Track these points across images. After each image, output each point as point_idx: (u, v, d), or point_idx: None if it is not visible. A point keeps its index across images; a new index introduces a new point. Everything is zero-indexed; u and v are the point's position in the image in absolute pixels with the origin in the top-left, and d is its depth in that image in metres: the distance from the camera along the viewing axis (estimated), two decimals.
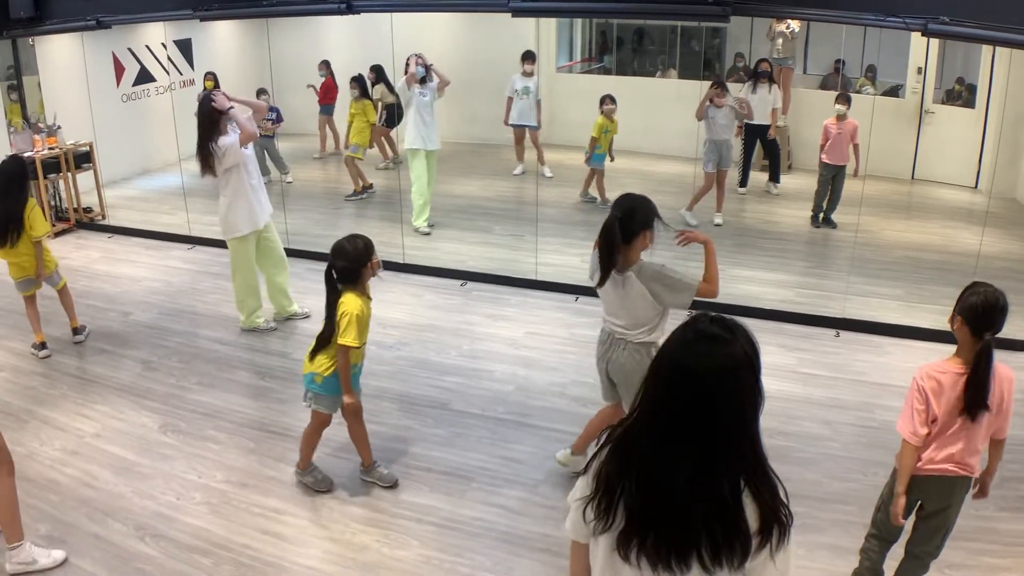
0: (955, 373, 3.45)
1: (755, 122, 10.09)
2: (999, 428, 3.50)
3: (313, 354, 4.62)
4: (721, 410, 1.88)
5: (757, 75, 10.19)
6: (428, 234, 9.21)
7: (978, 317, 3.34)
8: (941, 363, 3.52)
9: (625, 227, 4.10)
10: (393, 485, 4.89)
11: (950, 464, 3.54)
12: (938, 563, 4.13)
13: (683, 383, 1.91)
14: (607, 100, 9.70)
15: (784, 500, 1.96)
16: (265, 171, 11.05)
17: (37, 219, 6.36)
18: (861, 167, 8.86)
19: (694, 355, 1.91)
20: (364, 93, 10.78)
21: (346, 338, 4.42)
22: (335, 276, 4.52)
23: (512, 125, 10.86)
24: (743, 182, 10.57)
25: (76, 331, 6.86)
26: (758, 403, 1.94)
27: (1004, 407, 3.44)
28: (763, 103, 10.13)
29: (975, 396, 3.38)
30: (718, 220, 9.37)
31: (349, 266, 4.48)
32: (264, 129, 10.88)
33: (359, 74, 10.89)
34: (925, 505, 3.71)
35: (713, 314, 1.99)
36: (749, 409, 1.92)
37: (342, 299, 4.48)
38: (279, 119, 11.03)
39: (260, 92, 10.84)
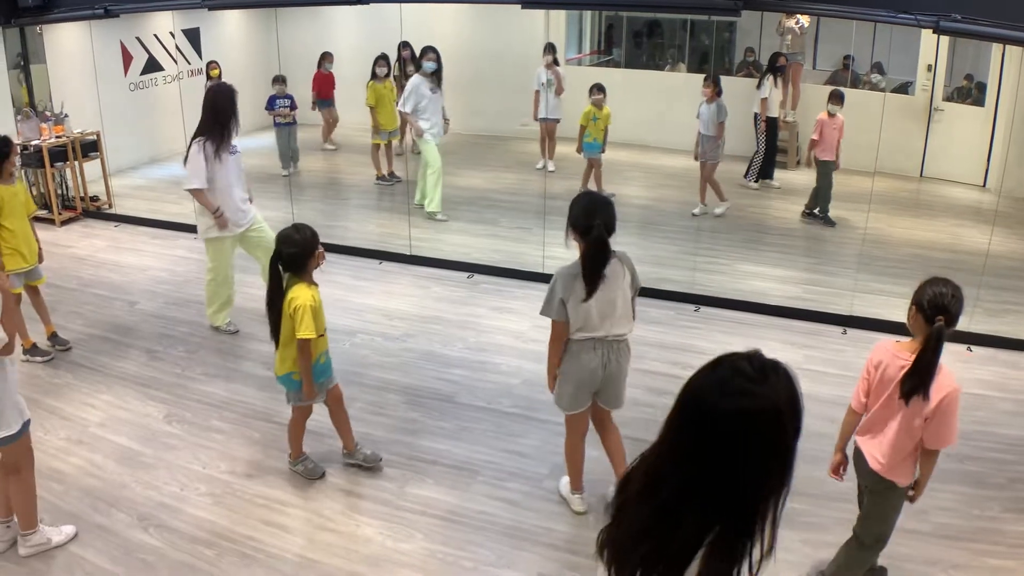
0: (899, 357, 3.51)
1: (775, 115, 10.27)
2: (933, 436, 3.45)
3: (280, 353, 4.65)
4: (737, 458, 1.66)
5: (776, 69, 10.18)
6: (447, 219, 9.27)
7: (932, 306, 3.39)
8: (895, 344, 3.59)
9: (610, 231, 4.08)
10: (378, 463, 4.96)
11: (866, 446, 3.67)
12: (943, 563, 4.12)
13: (707, 423, 1.69)
14: (595, 90, 9.69)
15: None
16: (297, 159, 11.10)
17: None
18: (870, 164, 8.82)
19: (726, 393, 1.69)
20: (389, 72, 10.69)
21: (304, 331, 4.42)
22: (281, 265, 4.51)
23: (542, 119, 10.82)
24: (771, 175, 10.59)
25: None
26: (783, 462, 1.70)
27: (940, 415, 3.40)
28: (779, 97, 10.26)
29: (916, 380, 3.41)
30: (718, 210, 9.41)
31: (297, 253, 4.46)
32: (283, 116, 10.86)
33: (384, 53, 10.78)
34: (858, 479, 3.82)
35: (751, 351, 1.76)
36: (770, 466, 1.69)
37: (291, 294, 4.47)
38: (294, 106, 11.00)
39: (277, 79, 10.80)
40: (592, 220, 4.01)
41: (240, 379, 6.09)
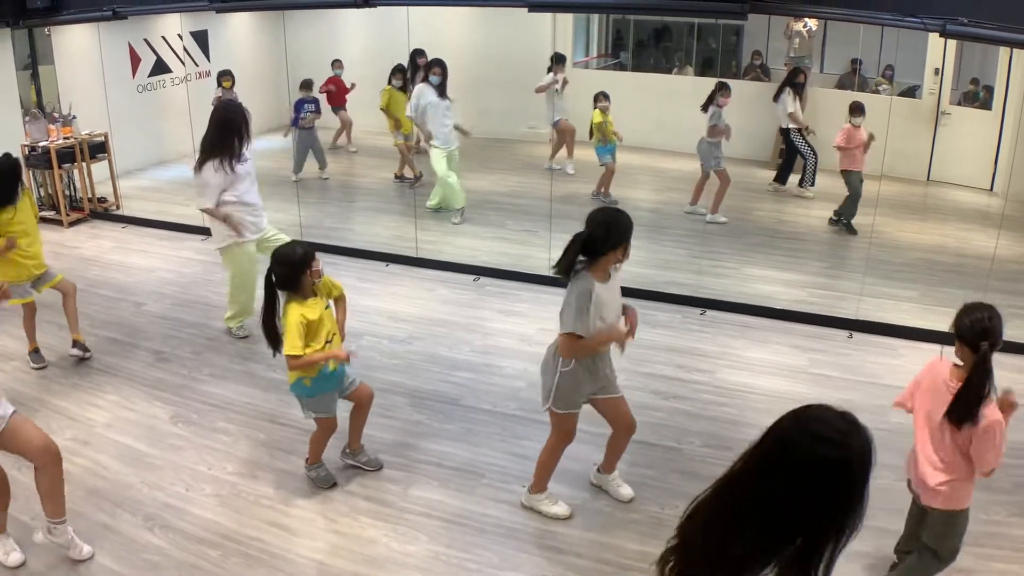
0: (946, 382, 3.53)
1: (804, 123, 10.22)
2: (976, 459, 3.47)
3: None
4: (806, 502, 1.81)
5: (796, 85, 10.08)
6: (460, 223, 9.39)
7: (973, 333, 3.44)
8: (948, 369, 3.59)
9: (592, 246, 4.13)
10: (378, 468, 4.98)
11: (922, 479, 3.64)
12: (949, 568, 4.10)
13: (786, 462, 1.85)
14: (601, 97, 9.71)
15: None
16: (316, 164, 11.10)
17: None
18: (877, 167, 8.82)
19: (808, 436, 1.84)
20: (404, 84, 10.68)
21: (288, 348, 4.39)
22: (275, 282, 4.47)
23: (555, 122, 10.81)
24: (785, 180, 10.53)
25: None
26: (851, 514, 1.83)
27: (979, 440, 3.42)
28: (800, 109, 10.21)
29: (964, 404, 3.42)
30: (723, 218, 9.39)
31: (288, 274, 4.42)
32: (304, 121, 10.84)
33: (401, 64, 10.76)
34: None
35: (835, 407, 1.91)
36: (836, 514, 1.82)
37: (285, 311, 4.45)
38: (317, 110, 10.95)
39: (305, 84, 10.79)
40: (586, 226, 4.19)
41: (246, 381, 6.10)
